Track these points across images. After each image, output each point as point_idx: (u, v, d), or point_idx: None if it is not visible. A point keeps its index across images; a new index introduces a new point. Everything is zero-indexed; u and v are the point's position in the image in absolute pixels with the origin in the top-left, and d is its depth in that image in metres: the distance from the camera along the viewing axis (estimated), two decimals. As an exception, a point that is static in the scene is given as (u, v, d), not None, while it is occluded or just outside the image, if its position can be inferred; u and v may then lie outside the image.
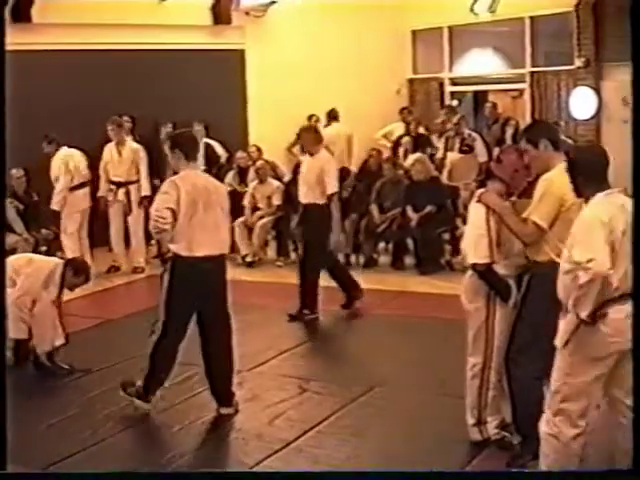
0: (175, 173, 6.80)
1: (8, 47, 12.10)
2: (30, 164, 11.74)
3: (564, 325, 4.73)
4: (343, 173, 12.84)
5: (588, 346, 4.68)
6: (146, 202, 11.96)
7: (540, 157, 5.56)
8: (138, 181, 12.21)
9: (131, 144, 12.32)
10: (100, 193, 12.27)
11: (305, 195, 9.62)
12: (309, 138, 9.87)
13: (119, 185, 12.20)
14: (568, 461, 4.87)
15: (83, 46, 12.88)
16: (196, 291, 6.57)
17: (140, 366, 6.79)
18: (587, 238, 4.56)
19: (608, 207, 4.66)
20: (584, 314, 4.58)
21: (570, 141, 13.80)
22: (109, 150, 12.20)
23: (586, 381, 4.76)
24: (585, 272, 4.47)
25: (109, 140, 12.11)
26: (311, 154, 9.68)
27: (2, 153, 3.19)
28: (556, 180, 5.24)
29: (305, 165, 9.85)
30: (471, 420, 5.97)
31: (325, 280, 9.92)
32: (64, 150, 11.78)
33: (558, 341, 4.77)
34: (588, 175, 4.77)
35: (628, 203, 4.58)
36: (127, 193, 12.22)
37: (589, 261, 4.45)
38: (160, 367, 6.72)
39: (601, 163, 4.83)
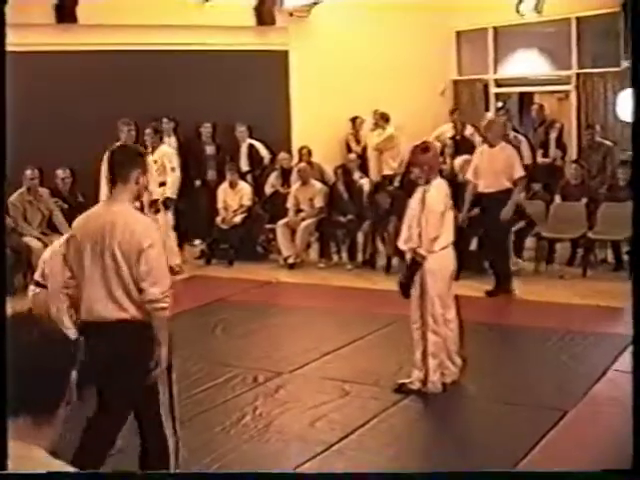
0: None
1: (54, 47, 12.25)
2: (76, 165, 11.86)
3: None
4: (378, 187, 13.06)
5: None
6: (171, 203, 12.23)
7: None
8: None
9: (162, 147, 12.40)
10: None
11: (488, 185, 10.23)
12: (497, 129, 10.59)
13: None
14: None
15: (126, 47, 12.94)
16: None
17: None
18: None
19: None
20: None
21: (610, 143, 13.69)
22: None
23: None
24: None
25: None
26: (492, 145, 10.32)
27: (2, 155, 3.18)
28: None
29: (486, 156, 10.37)
30: None
31: (374, 283, 9.80)
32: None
33: None
34: None
35: None
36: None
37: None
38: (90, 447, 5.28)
39: None
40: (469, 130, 14.69)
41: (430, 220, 7.01)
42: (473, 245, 11.55)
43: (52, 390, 2.29)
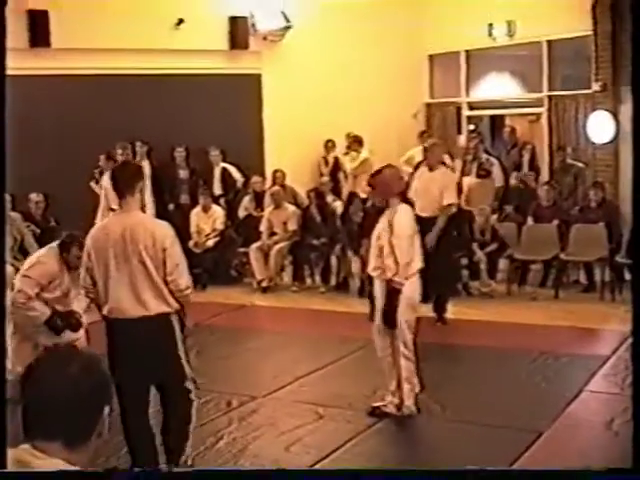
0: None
1: (25, 72, 12.17)
2: (49, 189, 11.81)
3: None
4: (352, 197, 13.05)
5: None
6: None
7: None
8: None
9: None
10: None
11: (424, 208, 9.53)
12: (439, 153, 10.46)
13: None
14: None
15: (100, 71, 12.92)
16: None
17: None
18: None
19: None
20: None
21: (581, 164, 13.80)
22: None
23: None
24: None
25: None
26: (432, 169, 10.14)
27: (2, 161, 3.21)
28: None
29: (423, 178, 10.12)
30: None
31: (348, 306, 9.79)
32: None
33: None
34: None
35: None
36: None
37: None
38: (137, 446, 5.99)
39: None
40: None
41: (401, 245, 7.00)
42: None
43: (86, 420, 2.43)
